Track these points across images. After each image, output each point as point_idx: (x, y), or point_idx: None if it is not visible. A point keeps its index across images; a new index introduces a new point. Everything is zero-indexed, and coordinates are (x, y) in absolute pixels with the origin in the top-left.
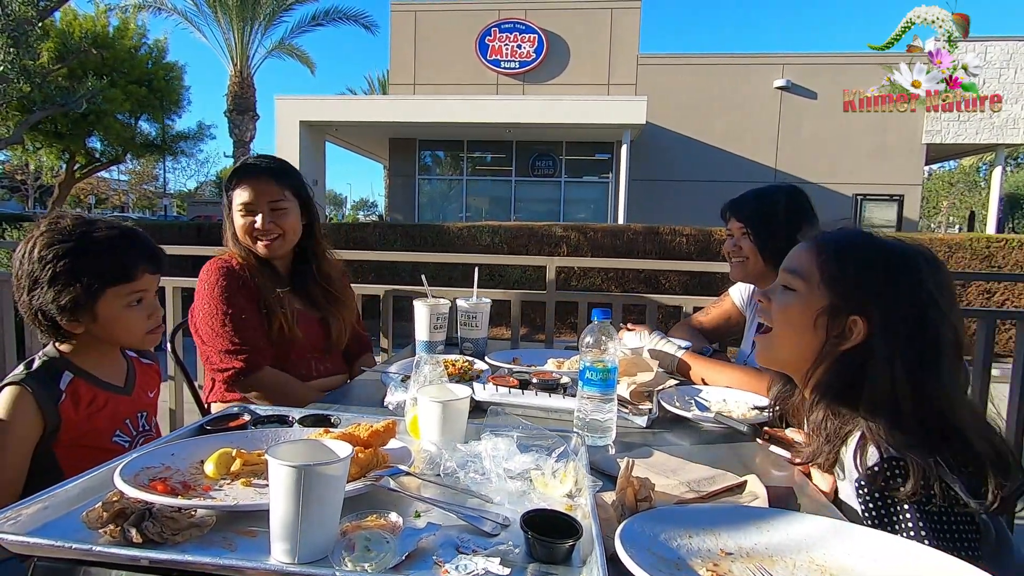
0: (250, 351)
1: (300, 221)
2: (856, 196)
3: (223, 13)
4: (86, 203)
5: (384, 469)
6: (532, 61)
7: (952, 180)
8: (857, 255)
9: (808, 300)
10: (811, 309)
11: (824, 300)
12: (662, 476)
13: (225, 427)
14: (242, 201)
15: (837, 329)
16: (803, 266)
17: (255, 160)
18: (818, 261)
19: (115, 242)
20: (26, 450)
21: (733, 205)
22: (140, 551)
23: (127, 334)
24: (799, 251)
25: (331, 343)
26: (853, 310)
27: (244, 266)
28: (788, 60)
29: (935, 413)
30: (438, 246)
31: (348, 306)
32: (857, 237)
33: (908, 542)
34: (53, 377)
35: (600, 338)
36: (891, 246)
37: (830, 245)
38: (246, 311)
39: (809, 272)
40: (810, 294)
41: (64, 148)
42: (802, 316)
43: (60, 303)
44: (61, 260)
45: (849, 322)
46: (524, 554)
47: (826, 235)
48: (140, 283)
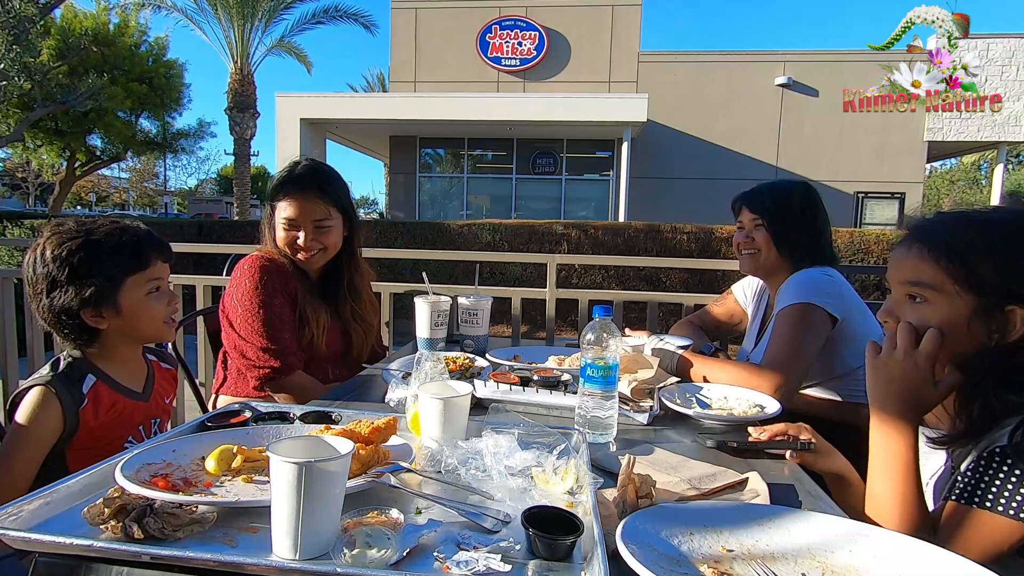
0: (288, 353)
1: (342, 235)
2: (857, 194)
3: (223, 10)
4: (87, 201)
5: (385, 466)
6: (533, 58)
7: (953, 178)
8: (981, 246)
9: (951, 309)
10: (960, 316)
11: (970, 303)
12: (663, 473)
13: (226, 424)
14: (287, 216)
15: (996, 324)
16: (926, 276)
17: (304, 171)
18: (942, 266)
19: (123, 233)
20: (41, 454)
21: (746, 197)
22: (141, 547)
23: (151, 324)
24: (909, 260)
25: (350, 357)
26: (1007, 301)
27: (286, 268)
28: (789, 57)
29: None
30: (439, 244)
31: (372, 323)
32: (964, 224)
33: (911, 539)
34: (77, 380)
35: (601, 335)
36: (1004, 221)
37: (944, 245)
38: (285, 313)
39: (938, 280)
40: (951, 304)
41: (65, 146)
42: (951, 325)
43: (84, 296)
44: (76, 255)
45: (1008, 313)
46: (525, 551)
47: (931, 234)
48: (155, 270)
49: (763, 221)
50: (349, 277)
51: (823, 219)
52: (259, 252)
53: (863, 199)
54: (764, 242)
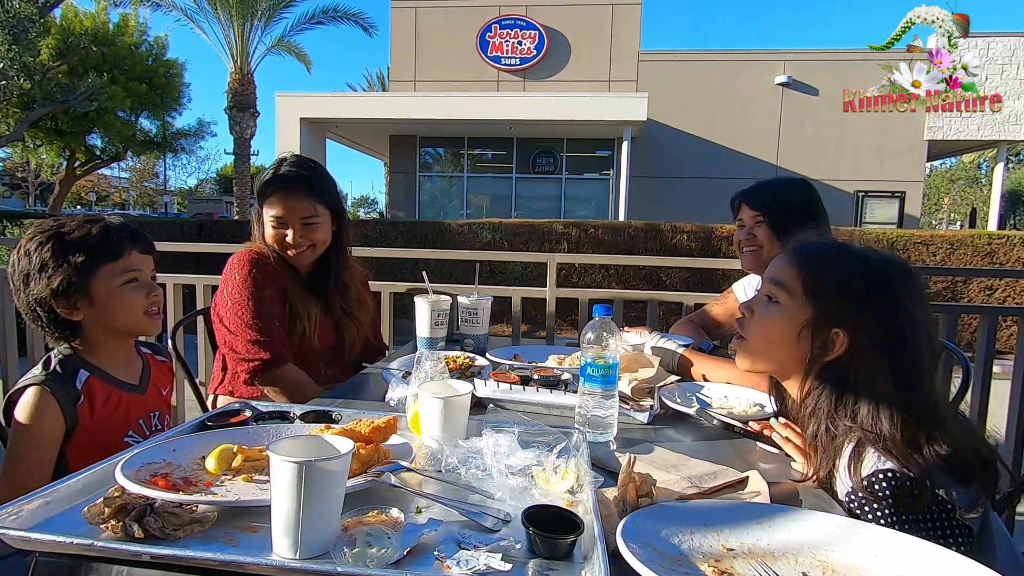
0: (277, 344)
1: (331, 231)
2: (857, 193)
3: (223, 10)
4: (87, 200)
5: (385, 465)
6: (533, 58)
7: (953, 177)
8: (837, 270)
9: (792, 313)
10: (795, 322)
11: (807, 313)
12: (663, 472)
13: (226, 423)
14: (274, 214)
15: (820, 341)
16: (787, 279)
17: (290, 169)
18: (801, 275)
19: (95, 224)
20: (50, 454)
21: (746, 194)
22: (142, 546)
23: (127, 315)
24: (782, 263)
25: (343, 352)
26: (835, 323)
27: (275, 263)
28: (789, 56)
29: (920, 421)
30: (439, 243)
31: (363, 317)
32: (836, 250)
33: (912, 538)
34: (71, 376)
35: (601, 334)
36: (868, 259)
37: (812, 258)
38: (274, 305)
39: (792, 285)
40: (794, 307)
41: (65, 145)
42: (786, 328)
43: (53, 287)
44: (45, 247)
45: (832, 334)
46: (525, 550)
47: (807, 247)
48: (131, 261)
49: (764, 217)
50: (337, 272)
51: (823, 216)
52: (249, 248)
53: (863, 198)
54: (766, 238)
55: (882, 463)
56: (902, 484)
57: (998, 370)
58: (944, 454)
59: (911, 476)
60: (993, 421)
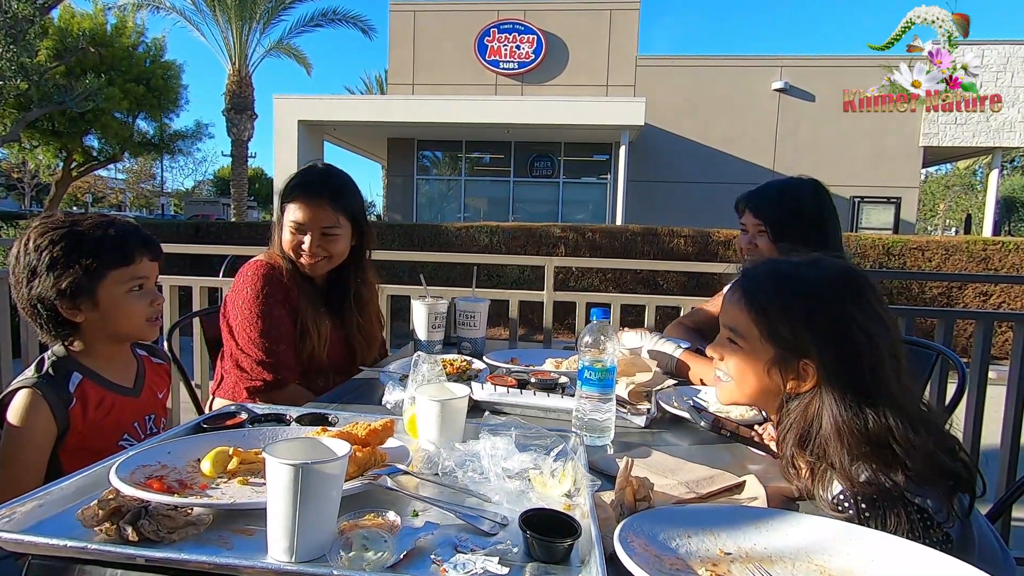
0: (282, 366)
1: (350, 244)
2: (854, 199)
3: (221, 12)
4: (83, 201)
5: (382, 468)
6: (531, 62)
7: (948, 183)
8: (781, 302)
9: (756, 355)
10: (761, 361)
11: (770, 352)
12: (661, 476)
13: (222, 425)
14: (294, 219)
15: (792, 373)
16: (740, 325)
17: (317, 177)
18: (752, 317)
19: (110, 228)
20: (43, 458)
21: (750, 199)
22: (136, 549)
23: (128, 322)
24: (734, 308)
25: (353, 368)
26: (800, 355)
27: (288, 276)
28: (786, 62)
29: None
30: (436, 246)
31: (376, 336)
32: (776, 280)
33: (908, 543)
34: (63, 379)
35: (599, 338)
36: (805, 281)
37: (758, 296)
38: (283, 324)
39: (747, 331)
40: (756, 349)
41: (61, 146)
42: (755, 367)
43: (60, 287)
44: (57, 245)
45: (801, 366)
46: (523, 553)
47: (752, 283)
48: (140, 268)
49: (767, 228)
50: (356, 288)
51: (832, 223)
52: (263, 257)
53: (859, 203)
54: (768, 250)
55: (852, 486)
56: (869, 502)
57: (993, 375)
58: (913, 467)
59: (874, 497)
60: (989, 426)
